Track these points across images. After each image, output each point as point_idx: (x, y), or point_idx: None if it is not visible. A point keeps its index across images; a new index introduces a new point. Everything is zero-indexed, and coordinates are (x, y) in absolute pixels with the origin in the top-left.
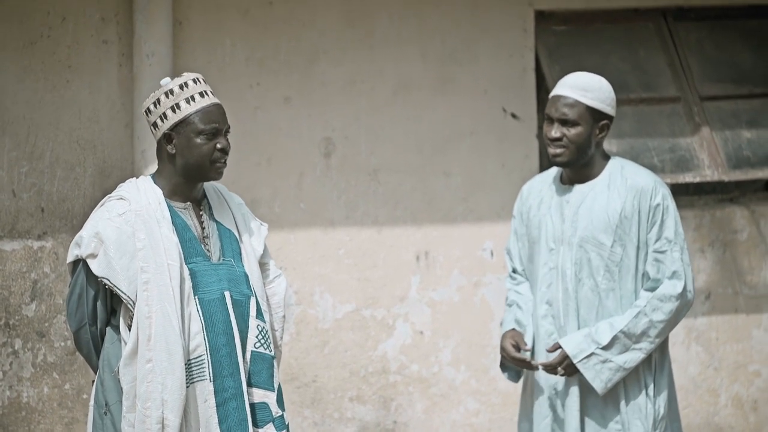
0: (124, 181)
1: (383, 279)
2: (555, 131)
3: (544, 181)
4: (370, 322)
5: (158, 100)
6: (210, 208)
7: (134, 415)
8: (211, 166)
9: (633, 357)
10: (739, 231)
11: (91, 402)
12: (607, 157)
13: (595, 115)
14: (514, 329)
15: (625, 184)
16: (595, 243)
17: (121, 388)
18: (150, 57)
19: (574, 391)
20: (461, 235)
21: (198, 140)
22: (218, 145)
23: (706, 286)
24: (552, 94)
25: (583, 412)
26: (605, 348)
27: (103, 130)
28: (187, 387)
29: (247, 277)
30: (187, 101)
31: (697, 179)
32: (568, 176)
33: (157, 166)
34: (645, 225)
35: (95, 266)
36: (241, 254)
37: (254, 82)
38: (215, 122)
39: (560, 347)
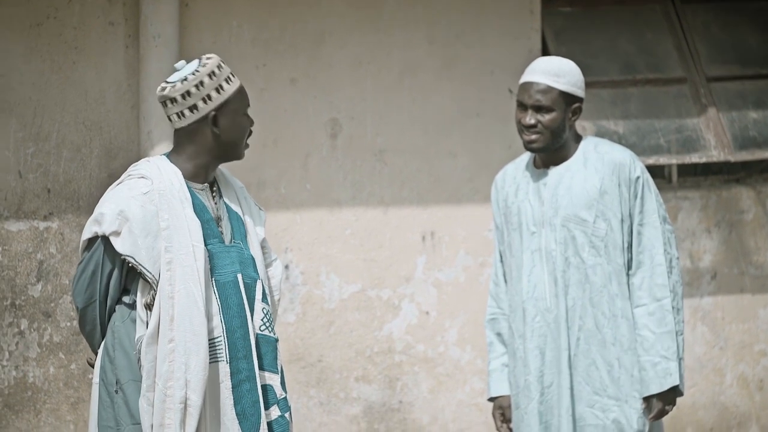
0: (129, 162)
1: (389, 259)
2: (529, 118)
3: (517, 167)
4: (376, 303)
5: (201, 82)
6: (219, 189)
7: (153, 394)
8: (244, 145)
9: (681, 342)
10: (745, 211)
11: (96, 380)
12: (579, 138)
13: (567, 99)
14: (504, 397)
15: (601, 160)
16: (578, 221)
17: (136, 367)
18: (156, 38)
19: (564, 369)
20: (467, 216)
21: (241, 119)
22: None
23: (712, 266)
24: (523, 80)
25: (573, 392)
26: (678, 352)
27: (110, 111)
28: None
29: (253, 260)
30: (227, 81)
31: (704, 160)
32: (543, 160)
33: (163, 146)
34: (627, 197)
35: (119, 244)
36: (246, 237)
37: (260, 63)
38: (248, 100)
39: (652, 397)
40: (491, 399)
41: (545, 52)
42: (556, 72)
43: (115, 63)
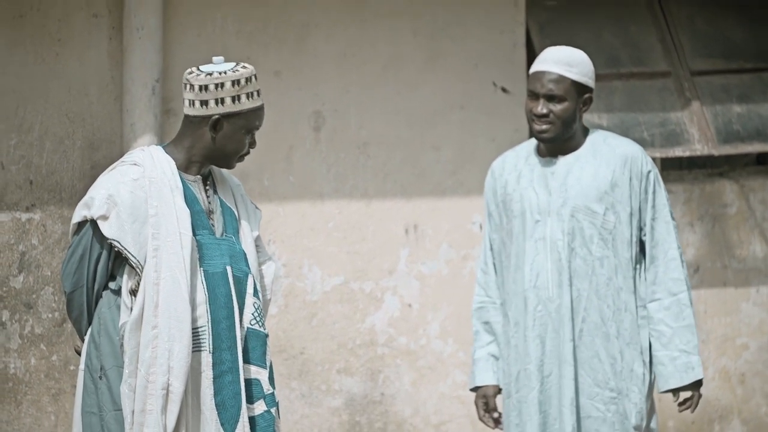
0: (112, 154)
1: (372, 252)
2: (541, 107)
3: (518, 155)
4: (359, 295)
5: (222, 84)
6: (214, 184)
7: (135, 380)
8: (238, 159)
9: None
10: (728, 205)
11: (82, 366)
12: (586, 129)
13: (579, 89)
14: (488, 387)
15: (612, 152)
16: (587, 212)
17: (119, 353)
18: (140, 30)
19: (568, 360)
20: (450, 209)
21: (242, 135)
22: (251, 143)
23: (695, 259)
24: (535, 69)
25: (577, 382)
26: (695, 347)
27: (93, 103)
28: None
29: (245, 254)
30: (248, 96)
31: (687, 153)
32: (549, 149)
33: (146, 139)
34: (638, 191)
35: (106, 228)
36: (239, 232)
37: (244, 55)
38: (260, 122)
39: (679, 390)
40: (475, 388)
41: (529, 45)
42: (569, 61)
43: (98, 55)
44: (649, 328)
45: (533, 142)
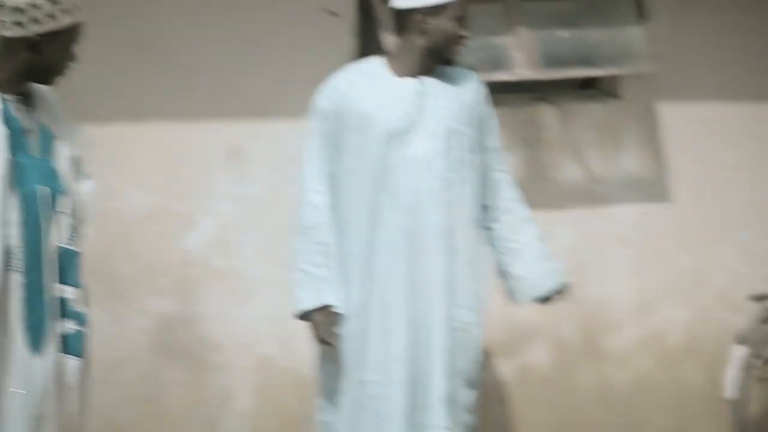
0: None
1: (190, 174)
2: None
3: (365, 74)
4: (175, 217)
5: (36, 3)
6: (33, 103)
7: None
8: (61, 74)
9: None
10: (548, 129)
11: None
12: None
13: None
14: (329, 308)
15: (464, 76)
16: (459, 133)
17: None
18: None
19: (440, 277)
20: (272, 131)
21: (70, 49)
22: (71, 59)
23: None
24: None
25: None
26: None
27: None
28: None
29: (60, 174)
30: (64, 12)
31: (512, 78)
32: (413, 70)
33: None
34: (483, 116)
35: None
36: (55, 151)
37: None
38: (80, 38)
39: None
40: (316, 309)
41: None
42: None
43: None
44: (496, 247)
45: (375, 61)
